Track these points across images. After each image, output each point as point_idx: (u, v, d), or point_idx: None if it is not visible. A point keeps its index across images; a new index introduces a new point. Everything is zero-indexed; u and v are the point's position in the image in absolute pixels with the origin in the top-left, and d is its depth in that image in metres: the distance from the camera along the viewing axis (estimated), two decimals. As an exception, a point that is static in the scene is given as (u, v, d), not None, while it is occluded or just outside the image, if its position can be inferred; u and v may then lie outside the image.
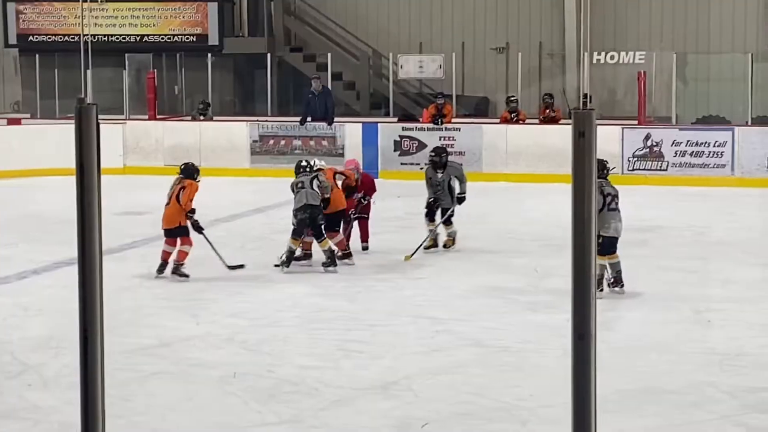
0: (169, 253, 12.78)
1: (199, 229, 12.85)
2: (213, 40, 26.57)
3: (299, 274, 13.24)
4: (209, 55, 26.07)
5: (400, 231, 15.99)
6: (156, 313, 11.31)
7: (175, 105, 26.86)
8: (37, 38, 27.00)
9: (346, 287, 12.60)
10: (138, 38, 26.30)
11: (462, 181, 14.70)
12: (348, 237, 14.04)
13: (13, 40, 27.20)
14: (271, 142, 23.10)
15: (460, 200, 14.57)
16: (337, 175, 14.36)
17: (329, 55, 25.67)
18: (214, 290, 12.37)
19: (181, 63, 27.10)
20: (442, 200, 14.60)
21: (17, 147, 22.25)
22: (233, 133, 23.32)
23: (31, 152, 22.07)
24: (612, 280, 11.93)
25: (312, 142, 22.91)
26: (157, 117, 24.34)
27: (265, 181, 21.48)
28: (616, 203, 11.92)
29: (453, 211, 14.59)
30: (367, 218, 14.65)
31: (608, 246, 11.75)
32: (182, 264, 12.72)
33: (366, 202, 14.60)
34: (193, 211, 12.85)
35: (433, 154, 14.97)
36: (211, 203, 16.26)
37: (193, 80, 26.82)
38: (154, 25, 26.69)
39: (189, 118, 24.64)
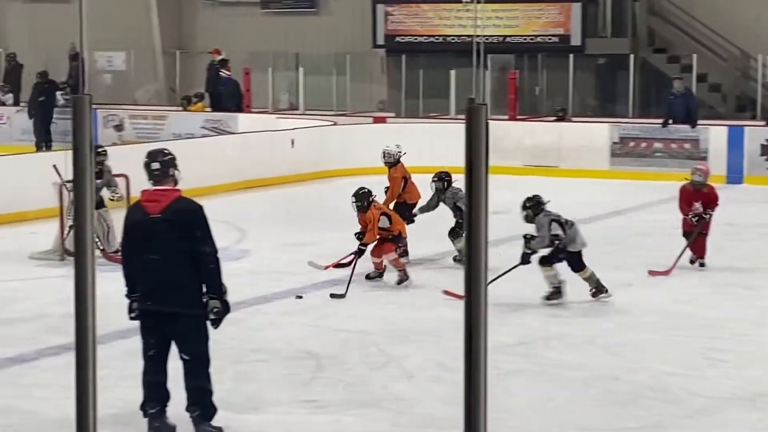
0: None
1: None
2: (575, 40, 26.50)
3: (656, 279, 13.01)
4: (571, 55, 26.03)
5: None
6: (515, 312, 11.39)
7: (536, 105, 26.97)
8: (403, 39, 27.72)
9: (705, 294, 12.31)
10: (500, 39, 26.55)
11: None
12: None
13: (380, 40, 28.03)
14: (632, 144, 22.82)
15: None
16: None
17: (694, 56, 25.12)
18: (573, 291, 12.32)
19: (542, 64, 27.18)
20: None
21: (382, 145, 22.87)
22: (593, 134, 23.18)
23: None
24: (594, 290, 11.82)
25: (674, 145, 22.46)
26: (518, 117, 24.53)
27: (625, 183, 21.27)
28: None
29: None
30: (706, 235, 13.64)
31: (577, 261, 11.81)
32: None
33: (708, 217, 13.58)
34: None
35: None
36: (569, 203, 16.17)
37: (554, 81, 26.85)
38: (516, 26, 26.89)
39: (552, 118, 24.64)
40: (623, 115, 25.07)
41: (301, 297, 11.92)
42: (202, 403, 7.68)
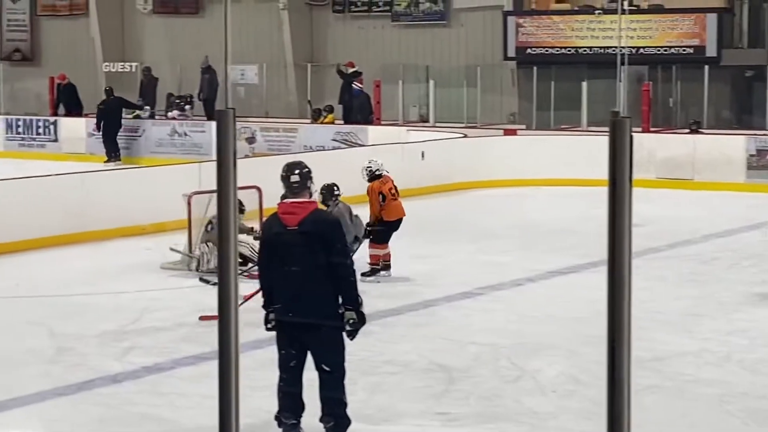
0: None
1: None
2: (710, 51, 26.09)
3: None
4: (706, 67, 25.63)
5: None
6: (648, 327, 11.23)
7: (670, 117, 26.61)
8: (534, 51, 27.59)
9: None
10: (634, 50, 26.26)
11: None
12: None
13: (511, 52, 27.93)
14: (769, 156, 22.37)
15: None
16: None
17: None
18: (709, 306, 12.13)
19: (676, 75, 26.81)
20: None
21: (513, 157, 22.81)
22: (729, 147, 22.78)
23: (526, 162, 22.56)
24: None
25: (813, 158, 21.96)
26: (651, 129, 24.22)
27: (762, 197, 20.86)
28: None
29: None
30: None
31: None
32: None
33: None
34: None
35: None
36: (704, 217, 16.08)
37: (688, 92, 26.46)
38: (650, 37, 26.58)
39: (686, 130, 24.28)
40: (760, 127, 24.59)
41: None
42: (337, 415, 7.71)
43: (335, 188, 13.28)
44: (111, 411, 8.67)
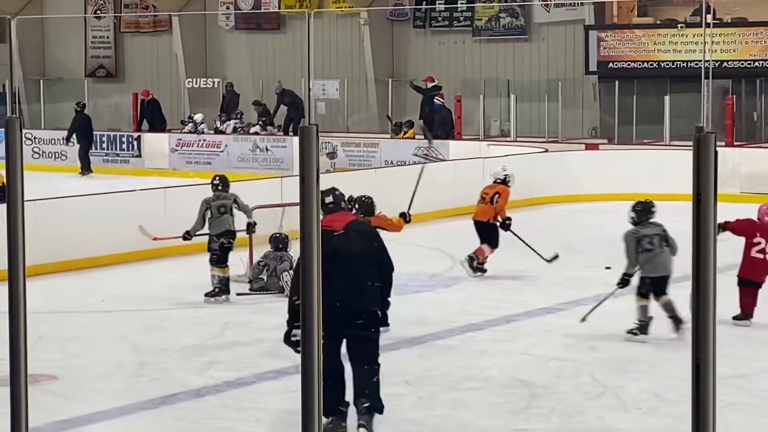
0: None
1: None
2: (795, 64, 25.77)
3: None
4: (791, 80, 25.35)
5: None
6: (733, 343, 11.08)
7: (754, 131, 26.31)
8: (617, 65, 27.42)
9: None
10: (717, 64, 26.01)
11: None
12: None
13: (593, 66, 27.79)
14: None
15: None
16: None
17: None
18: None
19: (761, 88, 26.50)
20: None
21: (595, 172, 22.68)
22: (814, 161, 22.47)
23: (608, 177, 22.40)
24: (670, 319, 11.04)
25: None
26: (735, 143, 23.96)
27: None
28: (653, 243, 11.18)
29: None
30: None
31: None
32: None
33: None
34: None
35: None
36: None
37: (773, 106, 26.17)
38: (734, 51, 26.30)
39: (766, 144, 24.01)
40: None
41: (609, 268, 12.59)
42: (372, 396, 8.06)
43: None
44: (193, 425, 8.74)
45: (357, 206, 11.50)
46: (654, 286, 11.25)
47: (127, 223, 15.92)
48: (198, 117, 29.86)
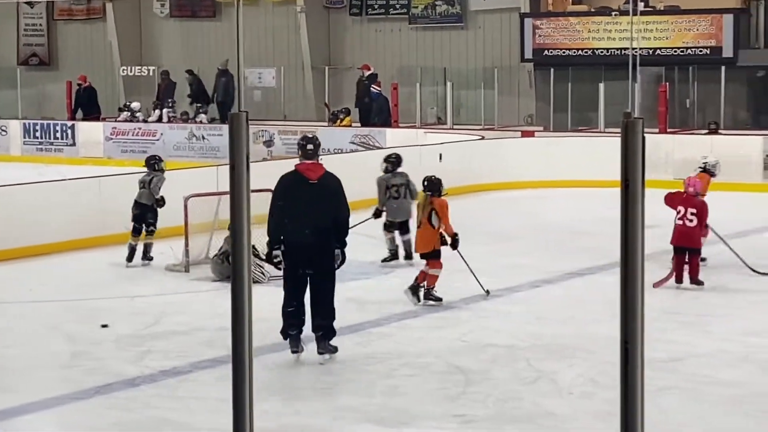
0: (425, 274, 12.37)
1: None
2: (727, 52, 25.99)
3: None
4: (722, 67, 25.56)
5: None
6: (665, 328, 11.20)
7: (687, 118, 26.55)
8: (552, 52, 27.55)
9: None
10: (651, 51, 26.21)
11: None
12: None
13: (528, 54, 27.88)
14: (787, 157, 22.29)
15: None
16: None
17: None
18: (727, 306, 12.10)
19: (693, 76, 26.74)
20: None
21: (530, 159, 22.80)
22: (746, 148, 22.71)
23: (543, 164, 22.53)
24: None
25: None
26: (668, 130, 24.16)
27: (779, 197, 20.81)
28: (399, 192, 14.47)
29: None
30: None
31: None
32: (432, 288, 12.33)
33: None
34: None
35: None
36: (721, 217, 15.87)
37: (705, 93, 26.40)
38: (666, 38, 26.51)
39: (703, 131, 24.25)
40: (776, 127, 24.51)
41: (106, 326, 11.30)
42: (326, 327, 9.77)
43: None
44: (128, 415, 8.69)
45: (426, 183, 12.54)
46: (398, 227, 14.44)
47: (61, 212, 15.78)
48: (135, 105, 29.68)
